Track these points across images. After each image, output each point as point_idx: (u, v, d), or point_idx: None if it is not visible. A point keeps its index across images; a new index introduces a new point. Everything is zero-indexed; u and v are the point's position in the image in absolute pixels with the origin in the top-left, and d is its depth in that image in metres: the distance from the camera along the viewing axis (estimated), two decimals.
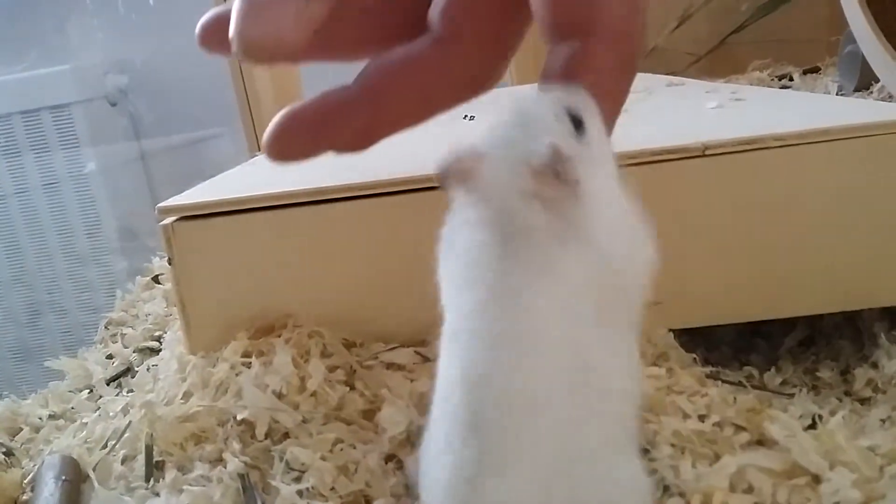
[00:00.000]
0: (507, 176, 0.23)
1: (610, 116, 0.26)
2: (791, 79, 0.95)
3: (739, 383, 0.38)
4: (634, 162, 0.37)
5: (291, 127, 0.35)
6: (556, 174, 0.22)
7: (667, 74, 0.86)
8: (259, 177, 0.48)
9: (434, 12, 0.33)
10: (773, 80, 0.96)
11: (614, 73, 0.27)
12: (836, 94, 0.82)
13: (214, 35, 0.31)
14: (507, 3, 0.29)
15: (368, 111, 0.33)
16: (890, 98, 0.71)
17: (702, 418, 0.33)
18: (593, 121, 0.25)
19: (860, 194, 0.37)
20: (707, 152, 0.36)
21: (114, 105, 0.94)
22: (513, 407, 0.21)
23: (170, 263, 0.39)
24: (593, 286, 0.23)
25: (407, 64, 0.32)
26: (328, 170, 0.37)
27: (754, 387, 0.38)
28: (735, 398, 0.34)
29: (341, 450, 0.33)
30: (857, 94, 0.79)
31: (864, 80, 0.79)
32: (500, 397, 0.21)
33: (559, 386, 0.22)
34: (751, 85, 0.92)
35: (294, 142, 0.34)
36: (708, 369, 0.38)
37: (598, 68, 0.26)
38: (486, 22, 0.31)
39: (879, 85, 0.75)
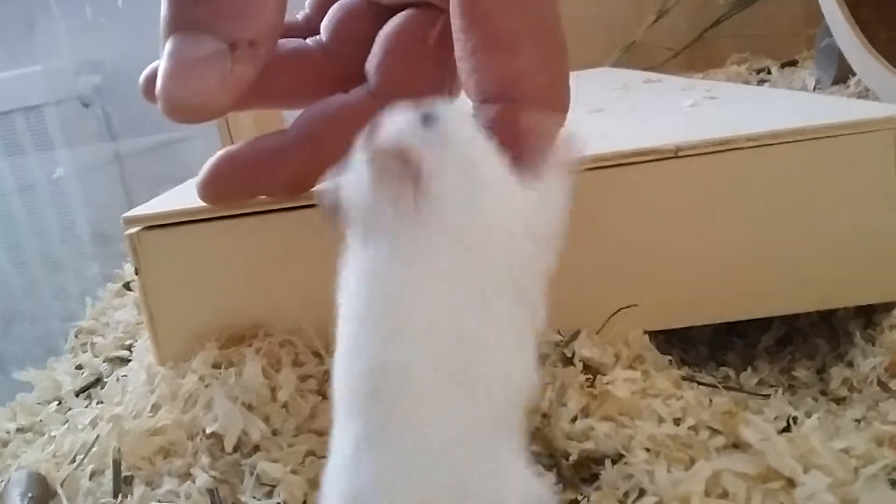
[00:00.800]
0: (359, 175, 0.24)
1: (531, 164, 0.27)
2: (769, 72, 0.95)
3: (715, 385, 0.37)
4: (607, 164, 0.36)
5: (225, 171, 0.35)
6: (397, 157, 0.23)
7: (645, 70, 0.86)
8: None
9: (370, 66, 0.33)
10: (751, 73, 0.97)
11: (533, 134, 0.27)
12: (814, 88, 0.82)
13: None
14: (442, 63, 0.29)
15: (302, 158, 0.33)
16: (867, 91, 0.71)
17: (677, 422, 0.33)
18: (453, 117, 0.25)
19: (834, 194, 0.37)
20: (680, 154, 0.36)
21: (87, 106, 0.93)
22: (386, 379, 0.22)
23: (137, 273, 0.38)
24: (459, 264, 0.23)
25: (343, 113, 0.32)
26: None
27: (730, 388, 0.38)
28: (711, 400, 0.34)
29: (313, 462, 0.32)
30: (834, 87, 0.79)
31: (841, 74, 0.79)
32: (372, 370, 0.22)
33: (430, 361, 0.22)
34: (728, 79, 0.93)
35: (228, 186, 0.34)
36: (684, 371, 0.38)
37: (517, 130, 0.27)
38: (421, 78, 0.31)
39: (856, 79, 0.75)
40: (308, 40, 0.36)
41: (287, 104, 0.36)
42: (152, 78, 0.31)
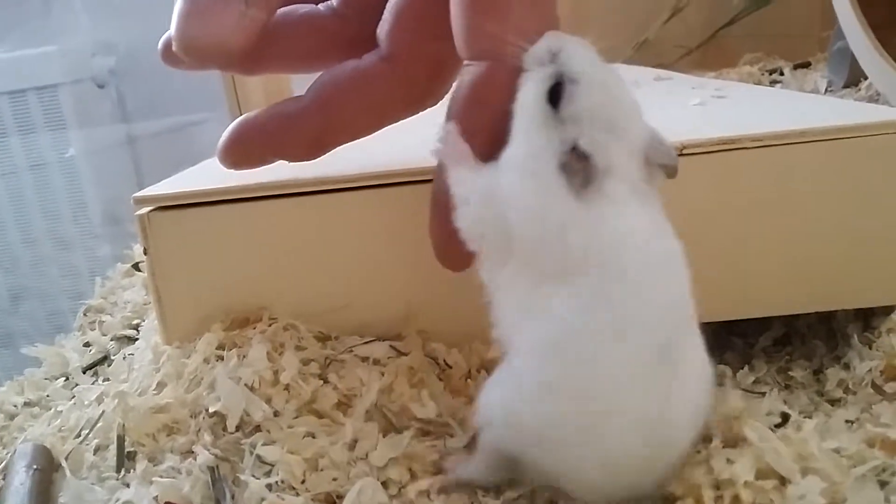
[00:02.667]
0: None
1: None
2: (781, 73, 0.95)
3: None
4: None
5: (244, 136, 0.35)
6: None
7: (657, 67, 0.86)
8: None
9: (381, 31, 0.33)
10: (763, 74, 0.96)
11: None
12: (826, 90, 0.82)
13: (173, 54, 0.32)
14: (447, 30, 0.30)
15: (318, 121, 0.34)
16: (878, 95, 0.71)
17: None
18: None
19: (837, 196, 0.37)
20: (685, 152, 0.36)
21: (101, 87, 0.93)
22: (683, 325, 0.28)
23: (145, 254, 0.39)
24: None
25: (356, 78, 0.33)
26: (305, 163, 0.37)
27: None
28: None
29: (312, 443, 0.33)
30: (845, 89, 0.79)
31: (853, 77, 0.79)
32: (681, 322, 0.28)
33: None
34: (741, 79, 0.92)
35: (247, 151, 0.35)
36: None
37: (501, 88, 0.29)
38: (427, 45, 0.32)
39: (868, 82, 0.75)
40: (320, 6, 0.36)
41: (299, 68, 0.37)
42: (170, 43, 0.32)
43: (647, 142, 0.28)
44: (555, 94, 0.28)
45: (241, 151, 0.36)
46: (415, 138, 0.34)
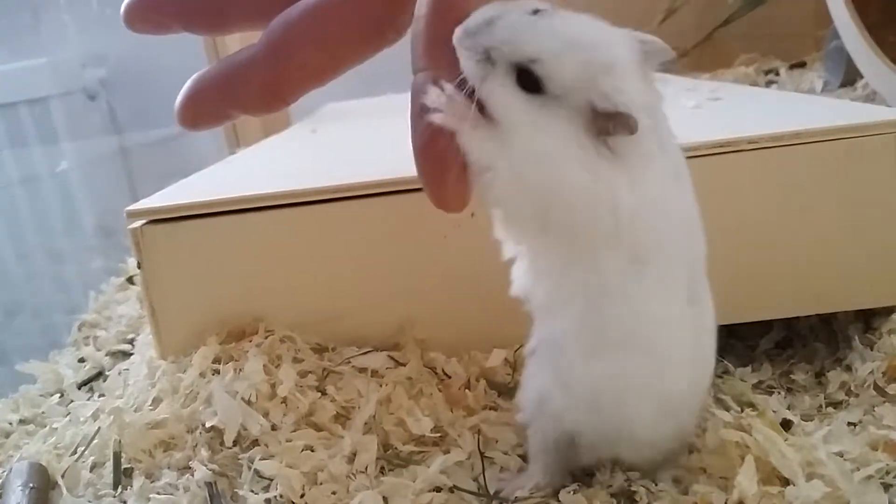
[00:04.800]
0: None
1: None
2: (777, 73, 0.95)
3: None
4: None
5: (199, 93, 0.34)
6: None
7: None
8: (231, 178, 0.47)
9: None
10: (759, 74, 0.96)
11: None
12: (822, 90, 0.82)
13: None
14: None
15: (273, 68, 0.32)
16: (874, 94, 0.71)
17: None
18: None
19: (835, 197, 0.37)
20: None
21: (92, 99, 0.93)
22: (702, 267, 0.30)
23: (139, 267, 0.38)
24: None
25: (306, 16, 0.31)
26: (301, 173, 0.37)
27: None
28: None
29: (310, 457, 0.33)
30: (841, 89, 0.79)
31: (849, 76, 0.78)
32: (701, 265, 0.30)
33: None
34: (736, 80, 0.92)
35: (203, 106, 0.33)
36: None
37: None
38: None
39: (864, 81, 0.75)
40: None
41: (266, 23, 0.35)
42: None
43: (639, 54, 0.27)
44: (527, 81, 0.26)
45: (197, 108, 0.34)
46: (409, 148, 0.33)
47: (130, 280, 0.59)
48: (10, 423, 0.43)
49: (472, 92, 0.26)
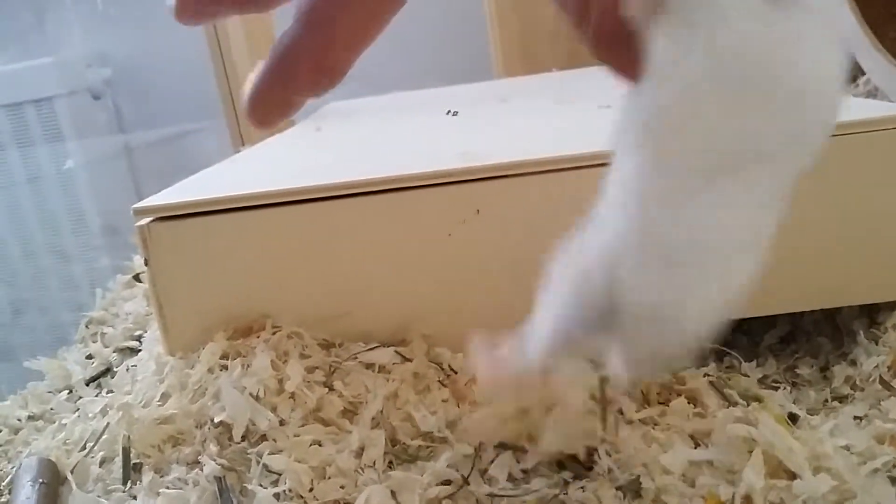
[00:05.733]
0: None
1: None
2: None
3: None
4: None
5: (260, 88, 0.34)
6: None
7: None
8: (238, 175, 0.47)
9: None
10: None
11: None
12: None
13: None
14: None
15: (317, 39, 0.31)
16: (875, 90, 0.71)
17: None
18: None
19: (839, 192, 0.37)
20: None
21: (97, 98, 0.93)
22: None
23: (146, 264, 0.39)
24: None
25: None
26: (306, 170, 0.37)
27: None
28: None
29: (318, 452, 0.33)
30: None
31: (850, 72, 0.79)
32: None
33: None
34: None
35: (268, 101, 0.33)
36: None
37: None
38: None
39: (865, 77, 0.75)
40: None
41: None
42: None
43: None
44: None
45: (263, 105, 0.34)
46: (417, 145, 0.34)
47: (137, 277, 0.59)
48: (19, 420, 0.43)
49: None
